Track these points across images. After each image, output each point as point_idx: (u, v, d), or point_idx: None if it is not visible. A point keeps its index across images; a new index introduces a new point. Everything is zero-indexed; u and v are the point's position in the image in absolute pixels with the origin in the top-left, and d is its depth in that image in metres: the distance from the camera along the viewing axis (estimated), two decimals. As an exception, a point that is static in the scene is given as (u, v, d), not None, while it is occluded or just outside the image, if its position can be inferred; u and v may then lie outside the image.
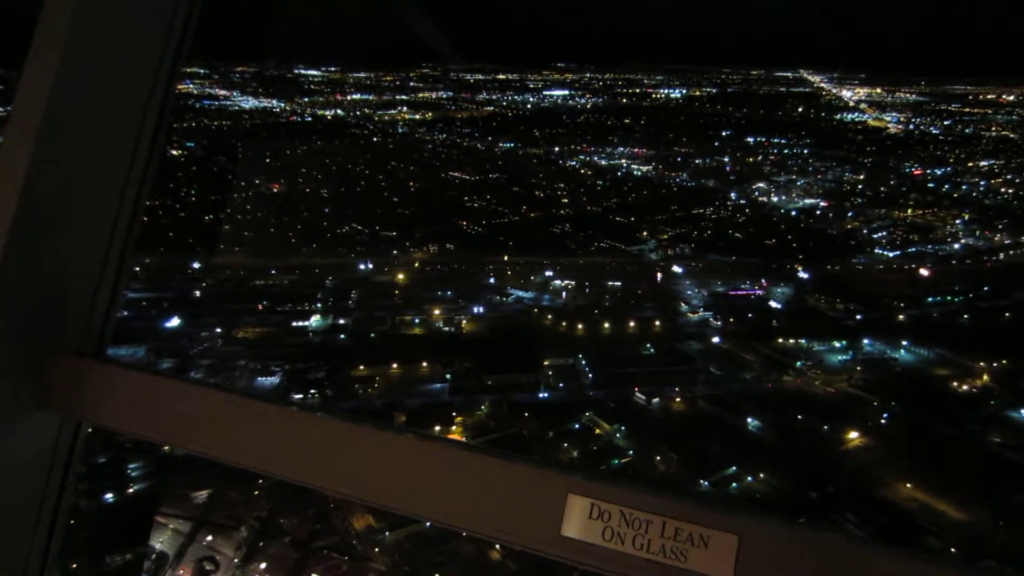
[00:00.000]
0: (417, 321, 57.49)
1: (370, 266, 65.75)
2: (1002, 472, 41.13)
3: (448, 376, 49.05)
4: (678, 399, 48.48)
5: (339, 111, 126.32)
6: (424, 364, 50.34)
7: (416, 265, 67.25)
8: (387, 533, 28.11)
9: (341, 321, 56.21)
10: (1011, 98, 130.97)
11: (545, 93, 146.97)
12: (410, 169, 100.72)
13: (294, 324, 55.35)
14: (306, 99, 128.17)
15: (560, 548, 2.35)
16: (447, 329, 57.12)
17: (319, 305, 57.74)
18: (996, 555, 34.99)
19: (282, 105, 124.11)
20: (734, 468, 41.05)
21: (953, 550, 35.71)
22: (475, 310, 59.23)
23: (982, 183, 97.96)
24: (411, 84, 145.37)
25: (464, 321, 58.09)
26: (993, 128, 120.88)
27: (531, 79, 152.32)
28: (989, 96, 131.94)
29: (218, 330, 52.23)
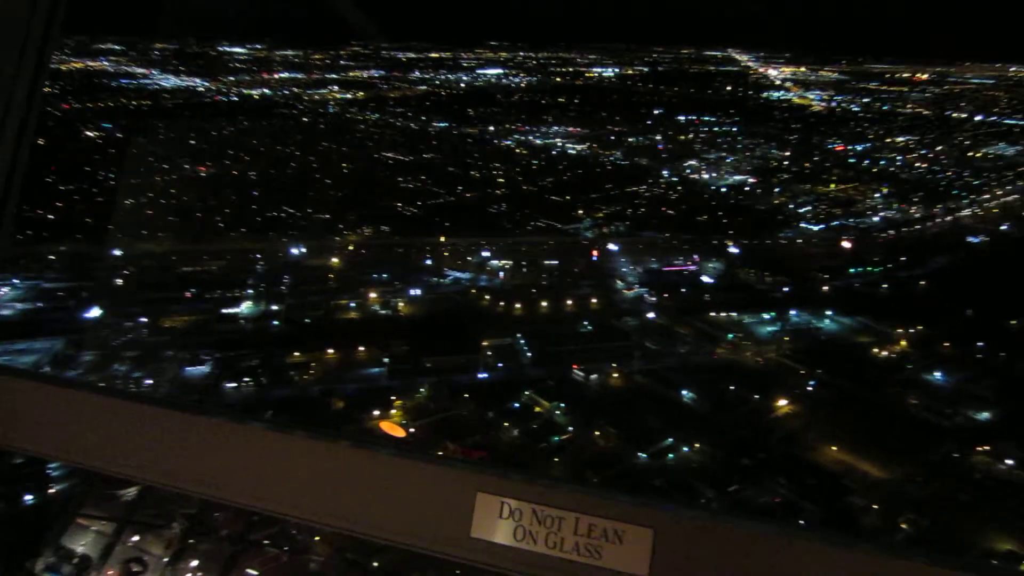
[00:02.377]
0: (353, 305, 56.63)
1: (303, 250, 64.34)
2: (919, 432, 43.28)
3: (386, 360, 48.54)
4: (616, 375, 49.20)
5: (266, 90, 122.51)
6: (361, 348, 49.67)
7: (351, 248, 66.17)
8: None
9: (274, 307, 54.89)
10: (925, 77, 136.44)
11: (479, 72, 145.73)
12: (342, 150, 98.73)
13: (224, 311, 53.80)
14: (231, 78, 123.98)
15: (470, 550, 2.26)
16: (384, 312, 56.46)
17: (250, 291, 56.25)
18: (915, 509, 36.94)
19: (206, 84, 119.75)
20: (671, 440, 41.97)
21: (876, 506, 37.46)
22: (412, 292, 58.70)
23: (899, 158, 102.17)
24: (341, 63, 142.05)
25: (401, 304, 57.54)
26: (908, 106, 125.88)
27: (464, 57, 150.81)
28: (905, 75, 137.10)
29: (143, 320, 50.32)
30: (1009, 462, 40.29)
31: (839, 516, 36.64)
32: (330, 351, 49.10)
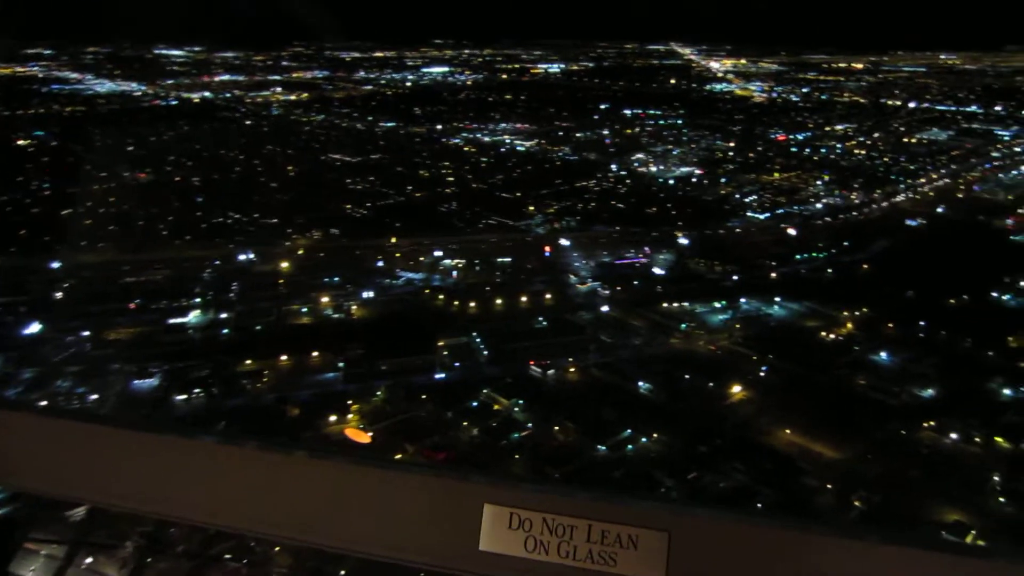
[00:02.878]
0: (305, 310, 55.76)
1: (251, 256, 63.09)
2: (867, 411, 44.57)
3: (340, 364, 47.94)
4: (572, 369, 49.47)
5: (207, 93, 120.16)
6: (315, 353, 48.92)
7: (300, 252, 65.15)
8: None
9: (223, 315, 53.69)
10: (860, 66, 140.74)
11: (424, 71, 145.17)
12: (287, 152, 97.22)
13: (171, 321, 52.40)
14: (169, 81, 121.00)
15: (479, 564, 2.19)
16: (337, 316, 55.74)
17: (198, 300, 54.90)
18: (866, 487, 38.02)
19: (142, 88, 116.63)
20: (629, 431, 42.38)
21: (829, 486, 38.44)
22: (365, 295, 58.05)
23: (838, 146, 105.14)
24: (283, 64, 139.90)
25: (354, 307, 56.86)
26: (846, 94, 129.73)
27: (409, 56, 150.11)
28: (841, 64, 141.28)
29: (85, 333, 48.70)
30: (953, 436, 41.77)
31: (795, 498, 37.48)
32: (283, 358, 48.24)
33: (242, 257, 62.93)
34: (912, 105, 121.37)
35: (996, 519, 36.05)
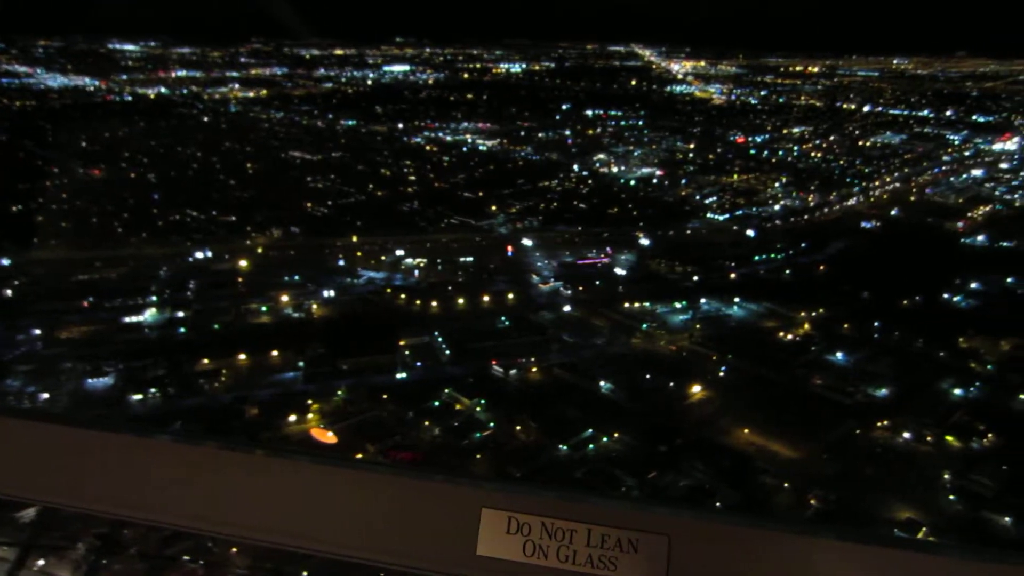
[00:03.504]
0: (264, 309, 54.95)
1: (208, 254, 61.98)
2: (823, 411, 45.47)
3: (301, 364, 47.34)
4: (534, 368, 49.55)
5: (163, 89, 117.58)
6: (274, 353, 48.23)
7: (259, 250, 64.16)
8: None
9: (180, 314, 52.61)
10: (816, 69, 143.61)
11: (385, 69, 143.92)
12: (246, 150, 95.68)
13: (126, 320, 51.21)
14: (124, 76, 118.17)
15: (476, 569, 2.15)
16: (297, 315, 55.03)
17: (153, 298, 53.73)
18: (822, 485, 38.79)
19: (96, 83, 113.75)
20: (591, 431, 42.59)
21: (787, 485, 39.14)
22: (325, 294, 57.42)
23: (796, 148, 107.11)
24: (242, 60, 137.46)
25: (315, 306, 56.20)
26: (802, 97, 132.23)
27: (370, 54, 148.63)
28: (798, 68, 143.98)
29: (36, 332, 47.36)
30: (907, 435, 42.79)
31: (753, 496, 38.07)
32: (241, 357, 47.47)
33: (199, 255, 61.82)
34: (867, 109, 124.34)
35: (947, 516, 37.09)
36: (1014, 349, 51.59)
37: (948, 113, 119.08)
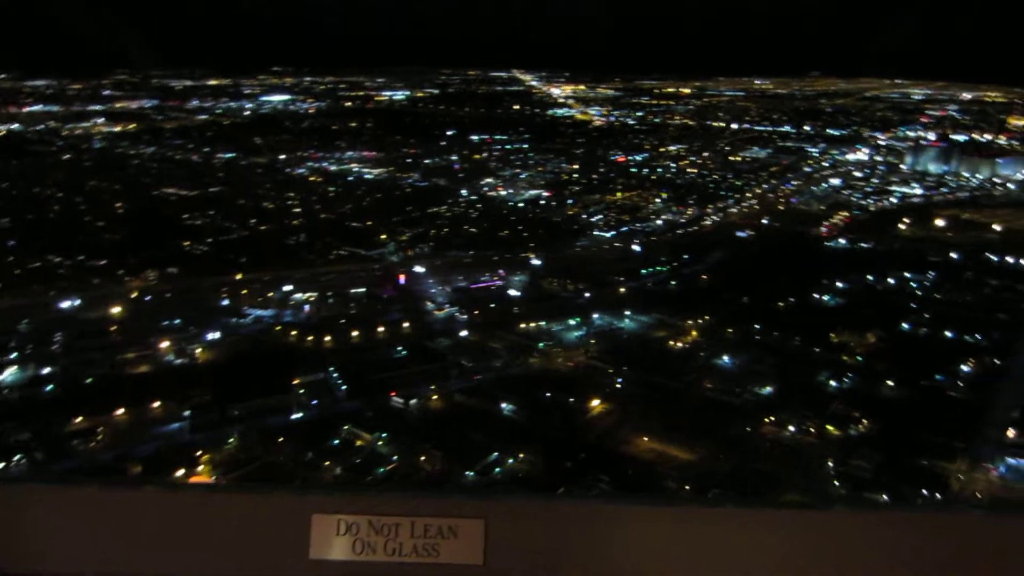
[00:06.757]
0: (142, 357, 51.67)
1: (76, 302, 57.78)
2: (716, 413, 47.29)
3: (186, 413, 44.71)
4: (435, 396, 49.01)
5: (15, 125, 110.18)
6: (156, 404, 45.34)
7: (134, 295, 60.48)
8: None
9: (45, 370, 48.60)
10: (688, 91, 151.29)
11: (263, 99, 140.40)
12: (115, 188, 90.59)
13: (-18, 381, 46.93)
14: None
15: (309, 573, 2.23)
16: (179, 361, 52.07)
17: (14, 355, 49.46)
18: (720, 484, 40.19)
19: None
20: (496, 454, 42.46)
21: (688, 487, 40.28)
22: (210, 336, 54.70)
23: (672, 165, 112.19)
24: (105, 93, 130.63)
25: (198, 350, 53.36)
26: (676, 117, 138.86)
27: (246, 84, 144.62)
28: (671, 89, 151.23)
29: None
30: (791, 429, 45.16)
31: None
32: (119, 412, 44.32)
33: (66, 304, 57.49)
34: (735, 126, 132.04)
35: (833, 500, 39.12)
36: (878, 341, 56.00)
37: (807, 128, 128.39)
